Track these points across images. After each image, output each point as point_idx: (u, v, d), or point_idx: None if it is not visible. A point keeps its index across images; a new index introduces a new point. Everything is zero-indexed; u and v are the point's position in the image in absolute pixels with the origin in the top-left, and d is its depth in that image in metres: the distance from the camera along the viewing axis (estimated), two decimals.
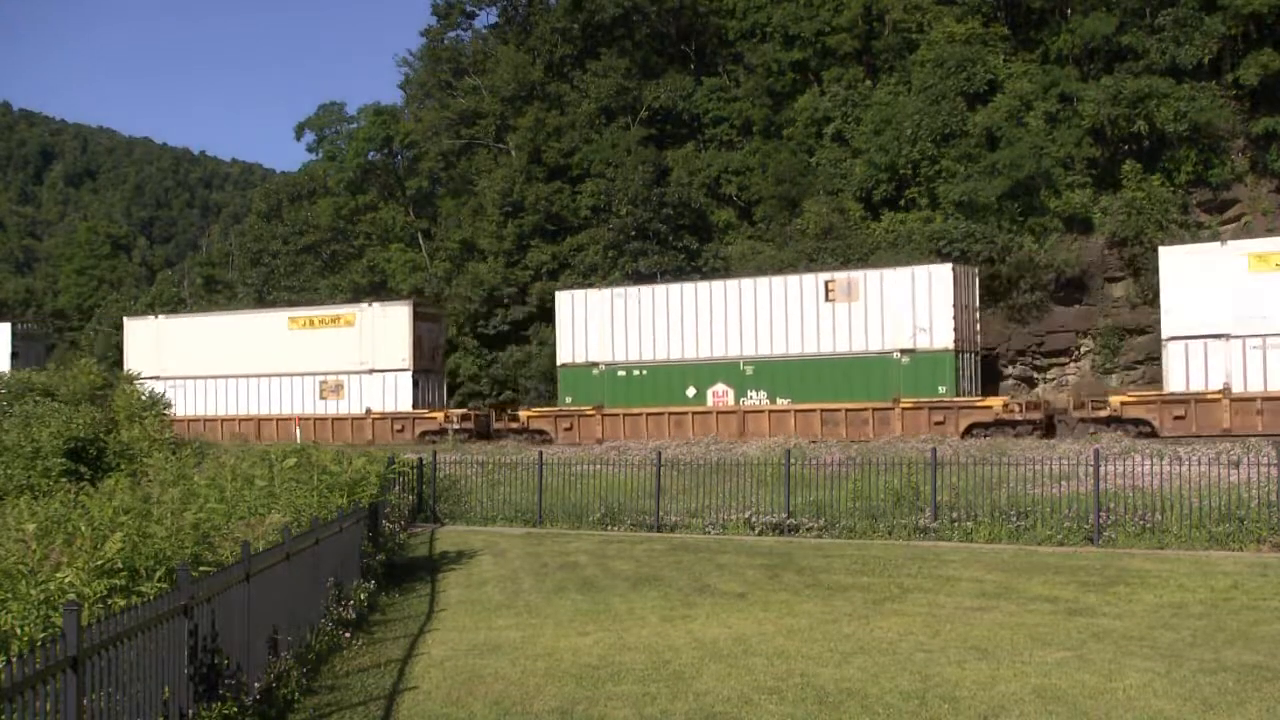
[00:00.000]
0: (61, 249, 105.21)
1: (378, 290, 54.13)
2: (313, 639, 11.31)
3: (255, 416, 40.75)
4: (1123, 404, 30.01)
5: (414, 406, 39.18)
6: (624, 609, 13.94)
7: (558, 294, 39.51)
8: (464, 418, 38.31)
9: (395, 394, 39.50)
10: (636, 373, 35.61)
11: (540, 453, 24.12)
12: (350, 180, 62.19)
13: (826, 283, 33.76)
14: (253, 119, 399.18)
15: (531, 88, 53.56)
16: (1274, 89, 38.86)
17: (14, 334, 49.98)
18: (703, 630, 12.44)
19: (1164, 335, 30.34)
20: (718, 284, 35.94)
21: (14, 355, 47.28)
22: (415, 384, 39.45)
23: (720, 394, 34.57)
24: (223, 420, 41.01)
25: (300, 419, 39.60)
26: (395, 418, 38.79)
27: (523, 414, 37.97)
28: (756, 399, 34.07)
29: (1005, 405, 31.39)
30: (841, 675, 10.13)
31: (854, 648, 11.28)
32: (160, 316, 47.83)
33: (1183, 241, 34.07)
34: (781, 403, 33.56)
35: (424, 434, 37.49)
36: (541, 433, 36.50)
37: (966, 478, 19.61)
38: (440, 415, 38.42)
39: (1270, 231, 34.28)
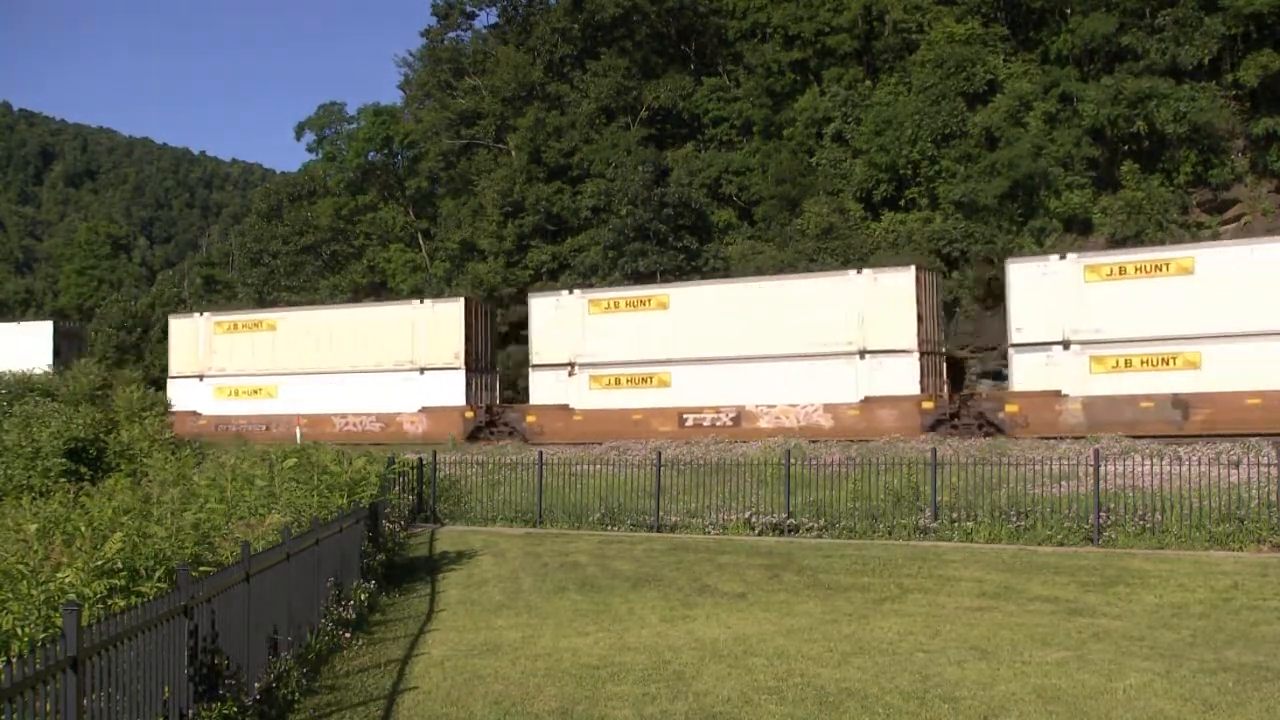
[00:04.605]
0: (61, 249, 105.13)
1: (378, 290, 54.10)
2: (313, 639, 11.30)
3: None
4: None
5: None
6: (624, 609, 13.93)
7: None
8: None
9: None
10: None
11: (540, 453, 24.07)
12: (350, 180, 62.16)
13: None
14: (253, 119, 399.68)
15: (531, 88, 53.55)
16: (1274, 89, 38.84)
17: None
18: (703, 630, 12.43)
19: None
20: None
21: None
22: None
23: None
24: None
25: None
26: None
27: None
28: None
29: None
30: (841, 675, 10.12)
31: (854, 648, 11.27)
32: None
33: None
34: None
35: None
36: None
37: (966, 478, 19.59)
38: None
39: (1270, 232, 34.25)
